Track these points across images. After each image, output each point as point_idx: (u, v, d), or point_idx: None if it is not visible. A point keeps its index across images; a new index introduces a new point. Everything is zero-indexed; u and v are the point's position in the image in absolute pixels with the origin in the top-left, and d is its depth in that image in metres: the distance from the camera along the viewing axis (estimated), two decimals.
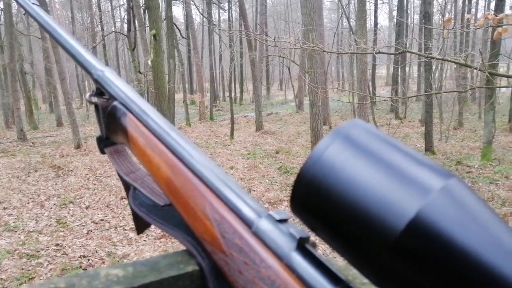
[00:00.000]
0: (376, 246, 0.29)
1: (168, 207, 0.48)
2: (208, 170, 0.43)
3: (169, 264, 0.44)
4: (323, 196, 0.32)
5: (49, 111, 26.90)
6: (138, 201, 0.51)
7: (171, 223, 0.47)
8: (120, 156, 0.58)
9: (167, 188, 0.46)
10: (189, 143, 0.47)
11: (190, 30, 22.92)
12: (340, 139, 0.33)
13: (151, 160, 0.48)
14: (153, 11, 8.63)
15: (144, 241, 5.77)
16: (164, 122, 0.49)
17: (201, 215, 0.41)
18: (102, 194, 8.03)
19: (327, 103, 15.66)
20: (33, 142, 15.21)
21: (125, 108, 0.52)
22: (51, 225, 6.42)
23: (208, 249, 0.41)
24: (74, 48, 0.59)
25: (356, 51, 5.92)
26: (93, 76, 0.56)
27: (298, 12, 31.75)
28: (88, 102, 0.57)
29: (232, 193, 0.41)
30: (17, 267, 4.84)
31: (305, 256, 0.34)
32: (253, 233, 0.37)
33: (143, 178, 0.54)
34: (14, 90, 16.04)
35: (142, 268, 0.42)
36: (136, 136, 0.50)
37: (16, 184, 8.92)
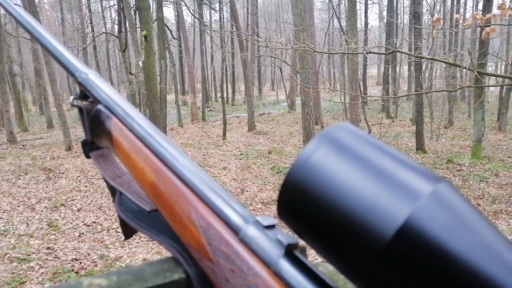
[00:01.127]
0: (365, 253, 0.28)
1: (154, 212, 0.46)
2: (193, 175, 0.42)
3: (155, 272, 0.42)
4: (310, 201, 0.31)
5: (39, 113, 26.62)
6: (124, 206, 0.50)
7: (157, 229, 0.46)
8: (105, 160, 0.56)
9: (152, 193, 0.45)
10: (174, 147, 0.45)
11: (181, 31, 22.85)
12: (327, 143, 0.32)
13: (136, 165, 0.46)
14: (144, 12, 8.59)
15: (137, 243, 5.74)
16: (149, 125, 0.48)
17: (187, 221, 0.40)
18: (94, 196, 7.97)
19: (318, 103, 15.72)
20: (23, 144, 15.05)
21: (109, 112, 0.51)
22: (42, 228, 6.36)
23: (194, 256, 0.40)
24: (57, 50, 0.58)
25: (347, 51, 5.96)
26: (77, 78, 0.55)
27: (289, 13, 31.83)
28: (71, 105, 0.55)
29: (218, 198, 0.39)
30: (7, 272, 4.79)
31: (293, 263, 0.33)
32: (240, 239, 0.36)
33: (130, 183, 0.53)
34: (3, 92, 15.84)
35: (126, 277, 0.41)
36: (121, 140, 0.49)
37: (6, 187, 8.82)
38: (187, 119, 20.67)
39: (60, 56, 0.58)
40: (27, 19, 0.62)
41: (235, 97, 30.16)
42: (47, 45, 0.59)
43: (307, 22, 9.99)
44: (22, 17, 0.63)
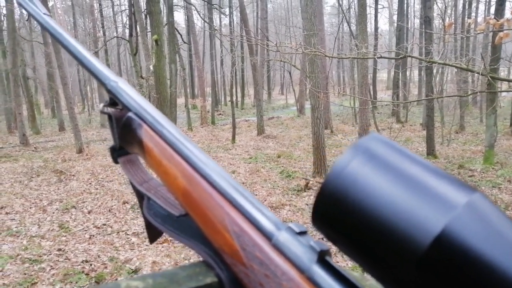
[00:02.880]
0: (401, 261, 0.29)
1: (183, 217, 0.48)
2: (225, 182, 0.43)
3: (188, 275, 0.44)
4: (346, 209, 0.32)
5: (51, 116, 26.97)
6: (153, 211, 0.51)
7: (187, 234, 0.47)
8: (133, 166, 0.58)
9: (183, 199, 0.46)
10: (204, 154, 0.47)
11: (191, 35, 23.02)
12: (361, 154, 0.33)
13: (168, 171, 0.47)
14: (155, 16, 8.68)
15: (146, 246, 5.77)
16: (179, 132, 0.49)
17: (220, 227, 0.41)
18: (104, 198, 8.04)
19: (328, 107, 15.68)
20: (36, 147, 15.25)
21: (140, 119, 0.52)
22: (54, 230, 6.42)
23: (227, 261, 0.41)
24: (86, 59, 0.59)
25: (358, 56, 5.94)
26: (106, 86, 0.56)
27: (298, 17, 31.86)
28: (101, 112, 0.57)
29: (250, 205, 0.41)
30: (19, 272, 4.85)
31: (326, 269, 0.34)
32: (273, 245, 0.37)
33: (157, 188, 0.54)
34: (16, 95, 16.10)
35: (161, 280, 0.43)
36: (152, 147, 0.50)
37: (18, 189, 8.94)
38: (196, 123, 20.77)
39: (89, 64, 0.59)
40: (56, 29, 0.64)
41: (244, 101, 30.24)
42: (76, 54, 0.61)
43: (317, 26, 9.99)
44: (51, 26, 0.64)
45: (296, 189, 8.19)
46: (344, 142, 13.55)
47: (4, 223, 6.69)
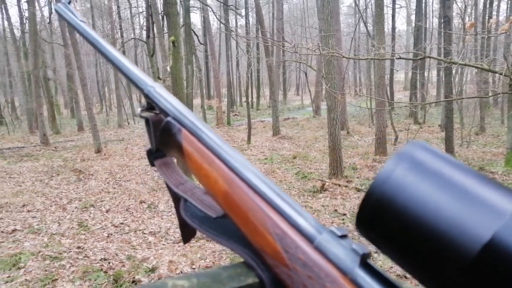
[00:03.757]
0: (448, 267, 0.30)
1: (220, 219, 0.49)
2: (265, 185, 0.44)
3: (230, 276, 0.45)
4: (393, 215, 0.33)
5: (70, 116, 27.50)
6: (190, 212, 0.53)
7: (225, 235, 0.48)
8: (168, 168, 0.59)
9: (224, 202, 0.47)
10: (244, 158, 0.48)
11: (207, 36, 23.16)
12: (406, 161, 0.34)
13: (208, 175, 0.49)
14: (172, 18, 8.75)
15: (163, 245, 5.83)
16: (218, 137, 0.51)
17: (261, 229, 0.42)
18: (122, 198, 8.15)
19: (344, 108, 15.56)
20: (56, 146, 15.58)
21: (179, 124, 0.53)
22: (73, 228, 6.55)
23: (269, 262, 0.42)
24: (124, 65, 0.61)
25: (376, 57, 5.88)
26: (144, 92, 0.57)
27: (314, 18, 31.70)
28: (139, 116, 0.58)
29: (290, 208, 0.41)
30: (40, 269, 4.96)
31: (369, 272, 0.34)
32: (315, 248, 0.38)
33: (192, 190, 0.55)
34: (37, 96, 16.48)
35: (205, 279, 0.44)
36: (192, 151, 0.51)
37: (39, 187, 9.15)
38: (212, 123, 20.88)
39: (126, 70, 0.60)
40: (93, 35, 0.65)
41: (259, 102, 30.25)
42: (113, 60, 0.62)
43: (334, 27, 9.93)
44: (87, 33, 0.66)
45: (312, 190, 8.16)
46: (360, 143, 13.43)
47: (26, 221, 6.86)
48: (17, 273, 4.88)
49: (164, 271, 4.87)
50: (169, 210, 7.33)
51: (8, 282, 4.69)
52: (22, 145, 16.22)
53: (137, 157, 12.55)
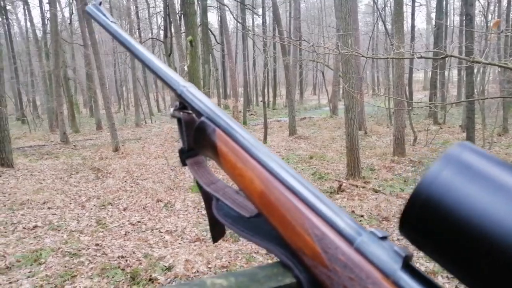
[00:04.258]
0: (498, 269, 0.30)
1: (254, 219, 0.49)
2: (302, 187, 0.44)
3: (267, 276, 0.45)
4: (441, 216, 0.32)
5: (89, 115, 27.99)
6: (222, 211, 0.53)
7: (260, 235, 0.48)
8: (200, 167, 0.59)
9: (260, 202, 0.47)
10: (278, 158, 0.48)
11: (224, 35, 23.23)
12: (453, 163, 0.34)
13: (243, 174, 0.49)
14: (190, 18, 8.79)
15: (179, 244, 5.86)
16: (252, 137, 0.51)
17: (299, 230, 0.42)
18: (139, 196, 8.23)
19: (362, 108, 15.37)
20: (75, 145, 15.87)
21: (213, 124, 0.53)
22: (91, 225, 6.64)
23: (307, 263, 0.42)
24: (155, 65, 0.61)
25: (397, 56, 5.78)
26: (176, 92, 0.58)
27: (332, 16, 31.45)
28: (171, 116, 0.58)
29: (328, 209, 0.42)
30: (60, 265, 5.04)
31: (412, 275, 0.34)
32: (356, 249, 0.38)
33: (224, 189, 0.55)
34: (58, 95, 16.82)
35: (242, 279, 0.44)
36: (226, 151, 0.51)
37: (59, 185, 9.32)
38: None
39: (158, 70, 0.61)
40: (124, 36, 0.65)
41: (276, 101, 30.18)
42: (145, 60, 0.62)
43: (352, 26, 9.81)
44: (118, 34, 0.66)
45: (329, 191, 8.08)
46: (378, 144, 13.24)
47: (46, 218, 6.99)
48: (38, 269, 4.97)
49: (180, 270, 4.89)
50: (185, 209, 7.37)
51: (29, 277, 4.78)
52: (43, 143, 16.58)
53: (154, 156, 12.67)
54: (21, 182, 9.64)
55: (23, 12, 38.87)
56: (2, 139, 11.23)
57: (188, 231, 6.32)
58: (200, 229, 6.34)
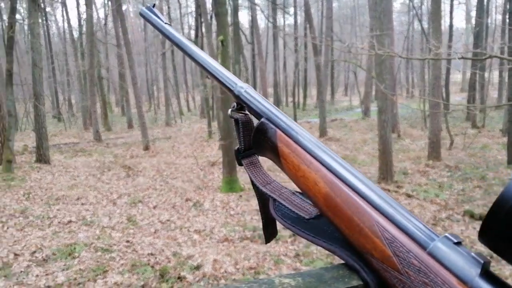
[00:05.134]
0: None
1: (313, 220, 0.49)
2: (368, 189, 0.44)
3: (333, 277, 0.46)
4: None
5: (121, 114, 28.66)
6: (281, 212, 0.53)
7: (322, 236, 0.49)
8: (255, 168, 0.58)
9: (325, 203, 0.46)
10: (343, 160, 0.48)
11: (255, 35, 23.21)
12: None
13: (307, 176, 0.48)
14: (221, 17, 8.78)
15: (207, 244, 5.84)
16: (313, 138, 0.51)
17: (368, 233, 0.42)
18: (168, 195, 8.30)
19: (396, 110, 14.94)
20: (107, 143, 16.26)
21: (273, 125, 0.53)
22: (122, 222, 6.74)
23: (376, 266, 0.41)
24: (212, 66, 0.61)
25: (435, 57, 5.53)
26: (234, 92, 0.58)
27: (365, 16, 30.87)
28: (230, 117, 0.58)
29: (397, 213, 0.42)
30: (93, 260, 5.13)
31: (491, 282, 0.33)
32: (429, 254, 0.38)
33: (280, 190, 0.55)
34: (92, 94, 17.30)
35: (309, 279, 0.45)
36: (288, 153, 0.51)
37: (92, 182, 9.55)
38: None
39: (214, 71, 0.61)
40: (178, 37, 0.66)
41: (306, 102, 29.88)
42: (199, 61, 0.63)
43: (386, 25, 9.54)
44: (172, 35, 0.67)
45: None
46: (412, 147, 12.83)
47: (80, 213, 7.16)
48: (72, 262, 5.08)
49: (208, 270, 4.86)
50: (213, 209, 7.36)
51: (64, 270, 4.89)
52: (77, 140, 17.10)
53: (183, 155, 12.78)
54: (57, 178, 9.95)
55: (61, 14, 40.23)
56: (41, 136, 11.64)
57: (216, 231, 6.30)
58: (228, 229, 6.31)
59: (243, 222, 6.58)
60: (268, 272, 4.84)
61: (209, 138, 16.12)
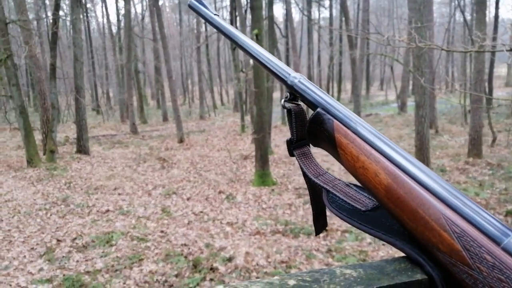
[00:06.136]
0: None
1: (370, 212, 0.49)
2: (433, 181, 0.43)
3: (395, 269, 0.45)
4: None
5: (156, 107, 29.34)
6: (335, 204, 0.52)
7: (380, 229, 0.48)
8: (307, 159, 0.58)
9: (386, 195, 0.45)
10: (404, 152, 0.46)
11: (289, 29, 23.01)
12: None
13: (367, 167, 0.47)
14: (257, 11, 8.77)
15: (239, 236, 5.89)
16: (373, 129, 0.50)
17: (434, 226, 0.41)
18: (202, 187, 8.43)
19: (434, 105, 14.42)
20: (143, 135, 16.71)
21: (330, 115, 0.52)
22: (157, 213, 6.92)
23: (442, 260, 0.40)
24: (263, 56, 0.61)
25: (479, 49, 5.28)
26: (286, 82, 0.57)
27: (404, 8, 29.87)
28: (282, 107, 0.58)
29: (466, 207, 0.40)
30: (129, 248, 5.30)
31: None
32: (504, 249, 0.36)
33: (333, 181, 0.54)
34: (129, 88, 17.80)
35: (371, 271, 0.45)
36: (347, 143, 0.50)
37: (128, 173, 9.85)
38: None
39: (266, 61, 0.60)
40: (228, 28, 0.66)
41: (340, 96, 29.40)
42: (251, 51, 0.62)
43: (426, 17, 9.19)
44: (222, 26, 0.67)
45: None
46: (451, 144, 12.36)
47: (117, 203, 7.41)
48: (110, 250, 5.28)
49: (240, 262, 4.91)
50: (246, 202, 7.41)
51: (102, 256, 5.09)
52: (114, 132, 17.67)
53: (217, 149, 12.93)
54: (96, 169, 10.34)
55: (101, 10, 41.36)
56: (81, 128, 12.11)
57: (248, 224, 6.34)
58: (260, 222, 6.33)
59: (275, 216, 6.59)
60: (300, 267, 4.83)
61: (242, 132, 16.21)
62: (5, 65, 9.53)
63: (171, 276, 4.65)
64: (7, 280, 4.57)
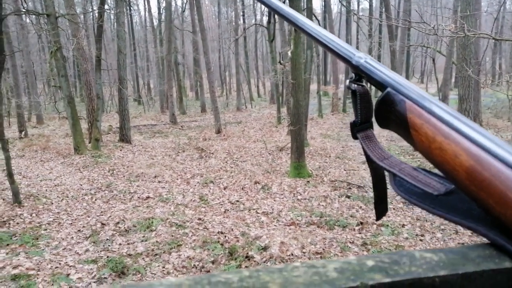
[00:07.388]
0: None
1: (443, 196, 0.46)
2: None
3: (480, 256, 0.42)
4: None
5: (195, 98, 29.90)
6: (404, 188, 0.49)
7: (456, 213, 0.45)
8: (371, 142, 0.56)
9: (467, 177, 0.43)
10: (487, 132, 0.44)
11: (327, 20, 22.69)
12: None
13: (444, 148, 0.45)
14: (295, 2, 8.73)
15: (274, 226, 5.98)
16: (451, 109, 0.47)
17: None
18: (238, 177, 8.58)
19: (478, 98, 13.80)
20: (182, 125, 17.13)
21: (402, 95, 0.50)
22: (195, 200, 7.13)
23: None
24: (327, 38, 0.59)
25: None
26: (351, 63, 0.55)
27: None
28: (347, 88, 0.56)
29: None
30: (168, 234, 5.53)
31: None
32: None
33: (399, 165, 0.52)
34: (168, 79, 18.26)
35: (453, 256, 0.42)
36: (421, 123, 0.48)
37: (168, 162, 10.18)
38: (327, 110, 20.59)
39: (330, 42, 0.59)
40: (286, 10, 0.65)
41: None
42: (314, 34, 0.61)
43: (473, 6, 8.78)
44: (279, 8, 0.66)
45: None
46: None
47: (157, 190, 7.71)
48: (150, 235, 5.53)
49: (275, 251, 4.99)
50: (281, 193, 7.49)
51: (143, 241, 5.34)
52: (154, 122, 18.24)
53: (253, 140, 13.07)
54: (137, 157, 10.76)
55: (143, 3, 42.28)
56: (123, 118, 12.61)
57: (283, 214, 6.41)
58: (295, 213, 6.39)
59: (310, 208, 6.63)
60: (334, 259, 4.85)
61: (278, 124, 16.26)
62: (55, 57, 10.07)
63: (208, 262, 4.81)
64: (56, 259, 4.91)
